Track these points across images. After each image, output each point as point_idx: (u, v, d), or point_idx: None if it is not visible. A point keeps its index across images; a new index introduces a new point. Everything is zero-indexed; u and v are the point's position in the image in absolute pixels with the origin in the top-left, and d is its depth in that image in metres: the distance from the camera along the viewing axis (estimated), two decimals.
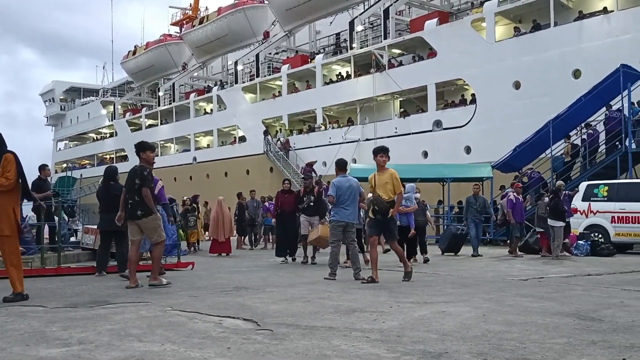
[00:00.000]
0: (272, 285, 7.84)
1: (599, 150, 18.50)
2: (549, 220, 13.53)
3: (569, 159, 19.07)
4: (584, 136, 18.73)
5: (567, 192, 14.48)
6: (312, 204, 12.02)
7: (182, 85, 50.87)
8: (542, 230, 14.21)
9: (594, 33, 22.47)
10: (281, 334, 4.39)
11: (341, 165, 9.14)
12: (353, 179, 9.01)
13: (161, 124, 50.22)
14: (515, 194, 14.41)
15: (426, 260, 12.15)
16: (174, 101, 48.77)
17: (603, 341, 4.12)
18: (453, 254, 14.72)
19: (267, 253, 16.06)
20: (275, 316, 5.17)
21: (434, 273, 9.75)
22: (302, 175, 13.24)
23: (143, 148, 8.01)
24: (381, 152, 8.39)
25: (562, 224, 13.36)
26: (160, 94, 51.32)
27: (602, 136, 18.24)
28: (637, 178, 17.13)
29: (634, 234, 14.82)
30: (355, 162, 27.24)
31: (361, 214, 10.71)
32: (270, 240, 18.61)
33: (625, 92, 17.09)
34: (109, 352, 3.84)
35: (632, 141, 17.06)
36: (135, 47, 55.49)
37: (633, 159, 16.98)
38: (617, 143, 17.63)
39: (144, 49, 52.84)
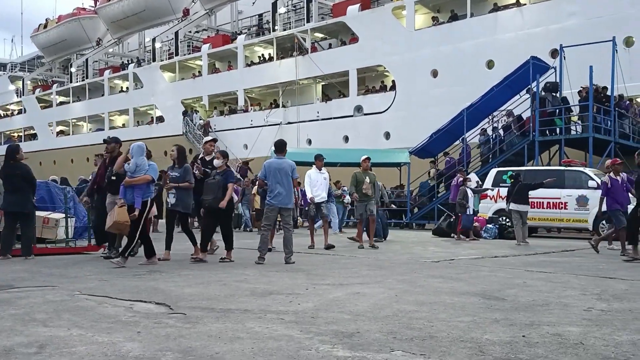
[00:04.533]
0: (188, 268, 7.72)
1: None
2: (512, 204, 13.55)
3: (434, 182, 20.52)
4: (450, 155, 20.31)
5: (626, 174, 11.70)
6: (113, 177, 8.76)
7: (96, 61, 48.81)
8: (459, 215, 14.65)
9: (507, 25, 23.38)
10: (194, 317, 4.34)
11: (277, 147, 8.83)
12: (287, 160, 8.68)
13: (73, 101, 48.09)
14: (612, 173, 10.62)
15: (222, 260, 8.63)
16: (87, 78, 46.75)
17: (505, 319, 4.34)
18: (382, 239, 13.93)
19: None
20: (189, 300, 5.10)
21: (352, 256, 9.91)
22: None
23: None
24: None
25: (528, 208, 13.51)
26: (73, 70, 49.05)
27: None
28: (542, 165, 18.09)
29: (538, 219, 15.67)
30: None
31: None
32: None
33: (534, 84, 17.95)
34: (12, 337, 3.68)
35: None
36: (46, 20, 52.62)
37: (540, 147, 17.92)
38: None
39: (56, 23, 50.20)
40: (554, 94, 18.10)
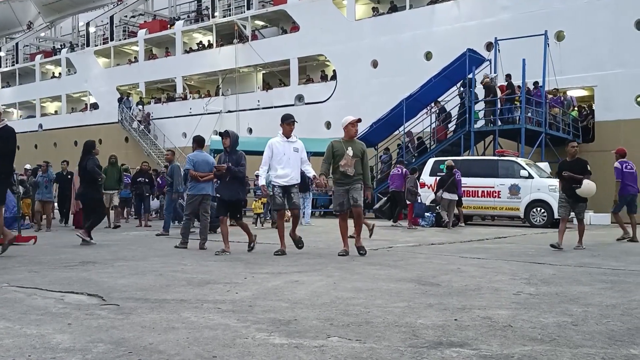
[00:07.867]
0: (122, 259, 7.53)
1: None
2: (445, 193, 14.30)
3: None
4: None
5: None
6: None
7: (27, 45, 46.85)
8: (410, 202, 14.96)
9: (444, 18, 23.87)
10: (128, 308, 4.24)
11: (199, 142, 9.56)
12: (208, 154, 9.69)
13: (2, 87, 46.04)
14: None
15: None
16: (17, 63, 44.83)
17: (439, 304, 4.45)
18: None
19: (122, 228, 15.44)
20: (123, 290, 4.98)
21: (291, 244, 9.90)
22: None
23: None
24: None
25: (455, 197, 14.48)
26: (2, 54, 46.95)
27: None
28: (478, 155, 18.62)
29: (473, 207, 16.14)
30: (216, 134, 26.87)
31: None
32: (124, 215, 17.73)
33: (471, 75, 18.41)
34: None
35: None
36: None
37: (475, 138, 18.43)
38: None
39: None
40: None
